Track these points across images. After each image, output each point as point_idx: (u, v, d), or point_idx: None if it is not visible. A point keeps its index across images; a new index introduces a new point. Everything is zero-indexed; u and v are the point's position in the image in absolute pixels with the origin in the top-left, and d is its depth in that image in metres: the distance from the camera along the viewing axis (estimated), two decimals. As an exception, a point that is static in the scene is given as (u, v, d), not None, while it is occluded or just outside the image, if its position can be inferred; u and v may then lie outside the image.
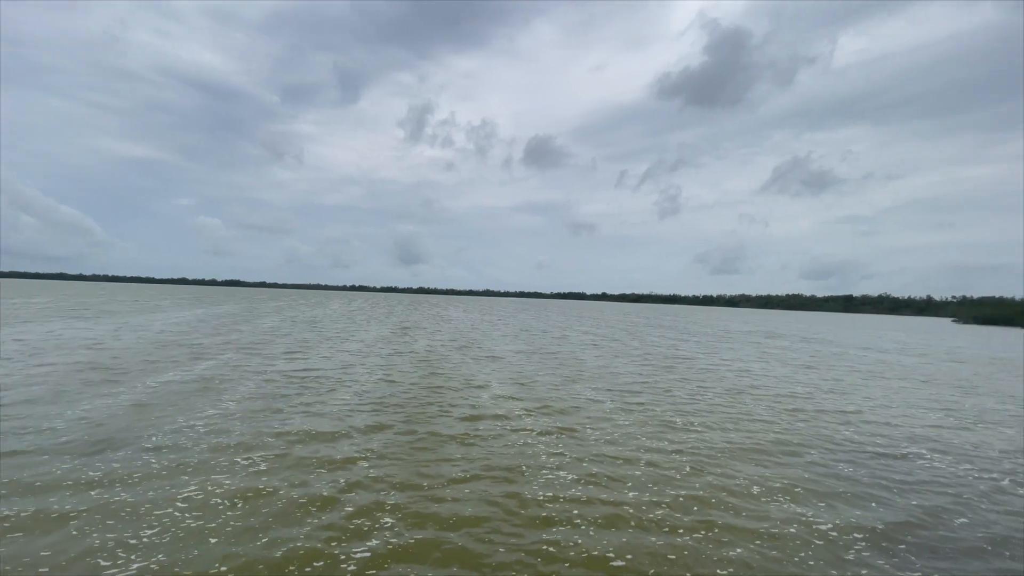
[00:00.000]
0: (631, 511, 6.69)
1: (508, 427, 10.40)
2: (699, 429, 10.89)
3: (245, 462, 7.83)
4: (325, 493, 6.81)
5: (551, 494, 7.10)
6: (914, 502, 7.41)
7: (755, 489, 7.67)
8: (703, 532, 6.21)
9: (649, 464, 8.54)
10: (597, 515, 6.53)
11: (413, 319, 46.67)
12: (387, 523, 6.10)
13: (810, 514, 6.82)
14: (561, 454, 8.85)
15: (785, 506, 7.09)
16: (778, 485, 7.86)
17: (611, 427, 10.72)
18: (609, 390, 14.90)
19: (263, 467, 7.66)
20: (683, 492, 7.41)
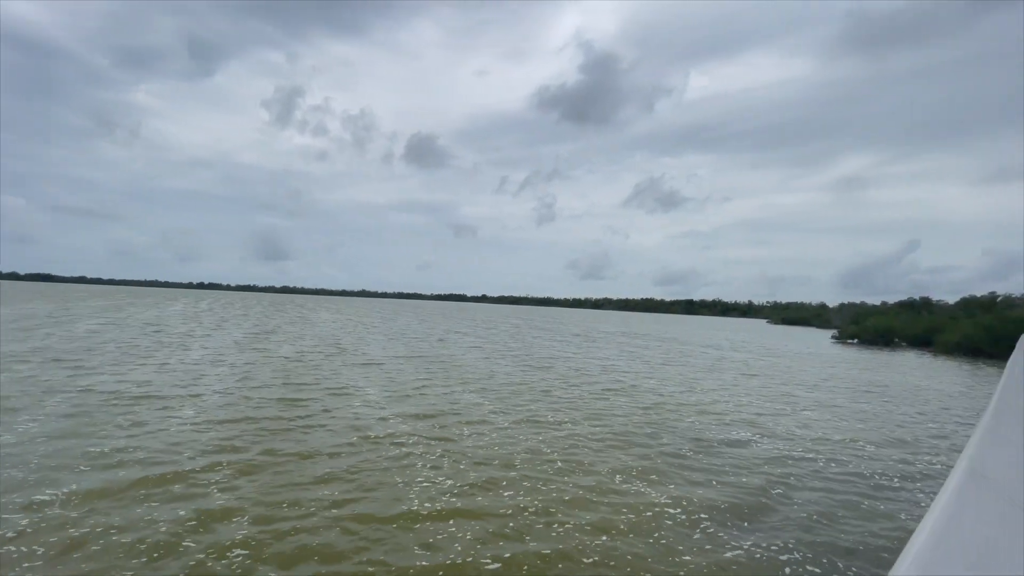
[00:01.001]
0: (508, 513, 6.80)
1: (384, 438, 9.94)
2: (570, 425, 11.54)
3: (48, 499, 6.34)
4: (164, 532, 5.79)
5: (430, 507, 6.91)
6: (745, 479, 8.67)
7: (618, 478, 8.33)
8: (573, 525, 6.54)
9: (525, 462, 8.80)
10: (475, 523, 6.51)
11: (276, 322, 42.56)
12: (243, 564, 5.38)
13: (664, 499, 7.59)
14: (438, 465, 8.68)
15: (643, 492, 7.80)
16: (636, 473, 8.63)
17: (490, 429, 10.85)
18: (489, 391, 15.10)
19: (74, 507, 6.27)
20: (555, 488, 7.75)
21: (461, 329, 45.97)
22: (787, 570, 5.74)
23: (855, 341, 56.35)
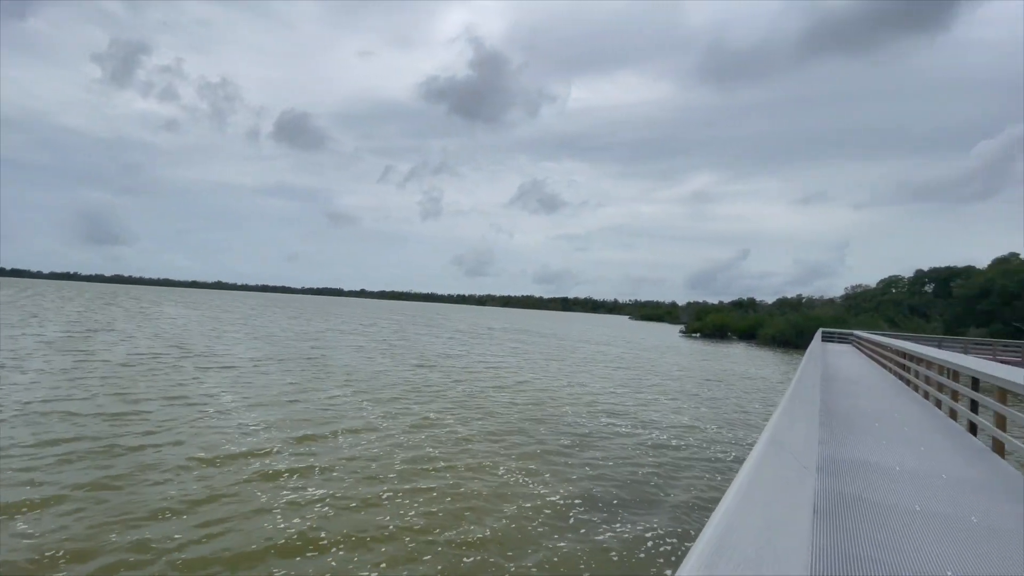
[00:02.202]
0: (386, 520, 6.52)
1: (242, 456, 8.90)
2: (455, 423, 11.49)
3: None
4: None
5: (298, 534, 6.32)
6: (617, 466, 9.40)
7: (501, 470, 8.50)
8: (454, 523, 6.50)
9: (409, 468, 8.53)
10: (354, 549, 6.12)
11: (104, 317, 35.90)
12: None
13: (543, 490, 7.91)
14: (308, 482, 8.02)
15: (525, 486, 8.04)
16: (518, 468, 8.88)
17: (375, 436, 10.33)
18: (370, 393, 14.38)
19: None
20: (435, 486, 7.64)
21: (340, 327, 43.23)
22: (649, 543, 6.33)
23: (698, 335, 64.91)
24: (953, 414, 7.50)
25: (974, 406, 6.66)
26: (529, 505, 7.24)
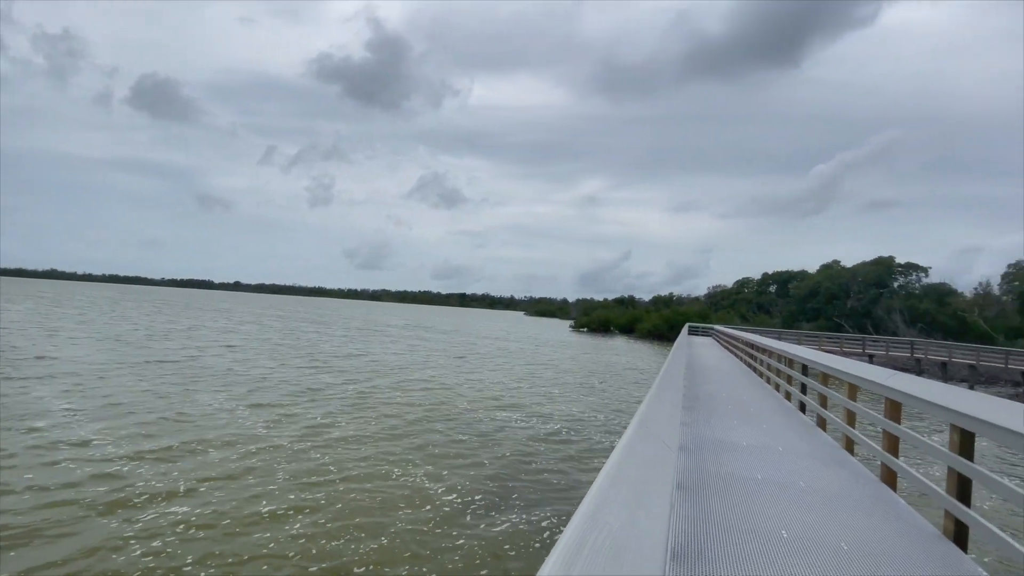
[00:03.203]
0: (266, 539, 6.09)
1: (88, 473, 7.68)
2: (343, 427, 10.99)
3: None
4: None
5: (159, 552, 5.65)
6: (513, 458, 9.71)
7: (397, 473, 8.34)
8: (344, 535, 6.27)
9: (290, 473, 8.01)
10: (221, 557, 5.62)
11: None
12: None
13: (440, 488, 7.93)
14: (170, 498, 7.19)
15: (420, 487, 7.99)
16: (415, 468, 8.79)
17: (248, 443, 9.49)
18: (245, 399, 13.15)
19: None
20: (323, 496, 7.29)
21: (211, 323, 38.69)
22: (546, 534, 6.67)
23: (585, 329, 69.17)
24: (788, 396, 8.93)
25: (804, 388, 8.01)
26: (428, 508, 7.20)
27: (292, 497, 7.15)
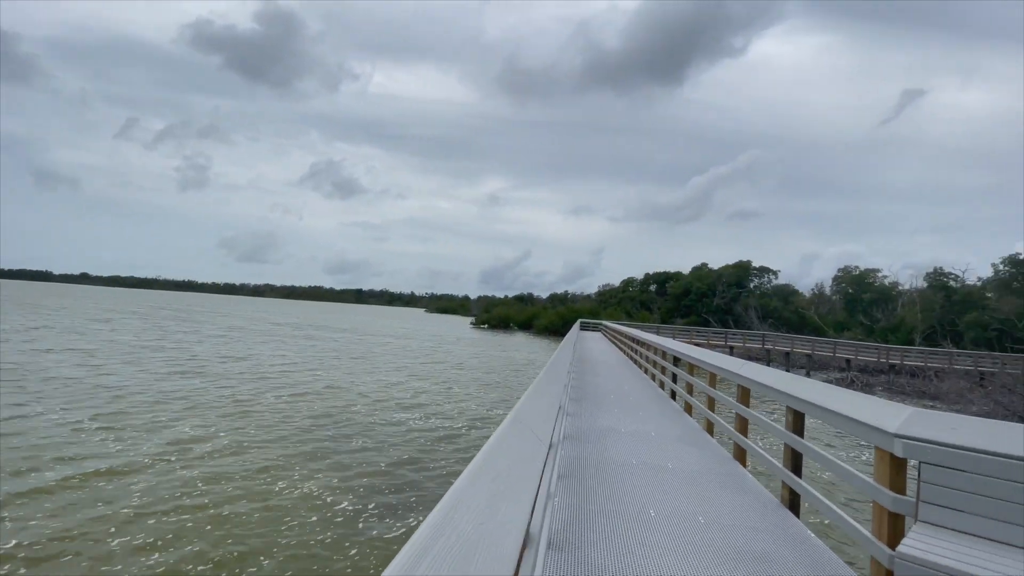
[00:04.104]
0: (118, 572, 5.29)
1: None
2: (220, 436, 9.92)
3: None
4: None
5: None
6: (406, 459, 9.45)
7: (281, 485, 7.72)
8: (219, 559, 5.67)
9: (150, 496, 7.04)
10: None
11: None
12: None
13: (331, 497, 7.49)
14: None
15: (314, 495, 7.48)
16: (304, 477, 8.21)
17: (95, 459, 8.15)
18: (94, 410, 11.25)
19: None
20: (190, 519, 6.53)
21: (52, 322, 32.40)
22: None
23: (486, 326, 69.97)
24: (662, 385, 9.81)
25: (675, 378, 8.84)
26: (316, 518, 6.76)
27: (152, 524, 6.29)
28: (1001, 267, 43.71)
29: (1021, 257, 42.48)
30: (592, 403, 7.57)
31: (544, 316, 63.09)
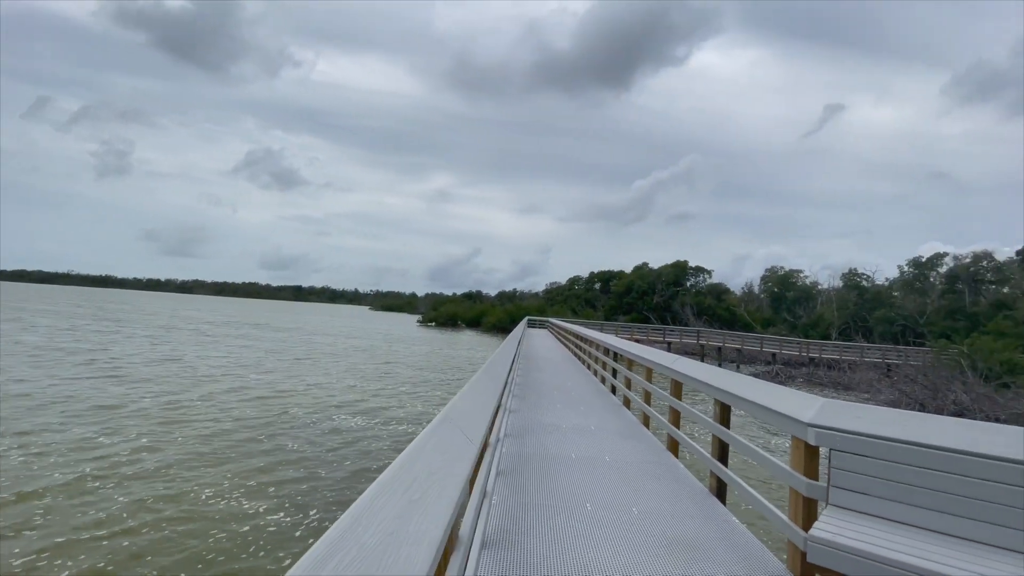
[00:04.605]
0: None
1: None
2: (143, 449, 9.14)
3: None
4: None
5: None
6: (348, 464, 9.10)
7: (206, 495, 7.21)
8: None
9: (58, 515, 6.36)
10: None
11: None
12: None
13: (262, 508, 7.07)
14: None
15: (241, 510, 7.03)
16: (233, 488, 7.72)
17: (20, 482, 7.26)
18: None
19: None
20: (104, 535, 5.96)
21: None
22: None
23: (433, 324, 69.12)
24: (604, 380, 10.05)
25: (615, 373, 9.07)
26: (247, 528, 6.36)
27: (60, 541, 5.66)
28: (906, 268, 48.43)
29: (922, 260, 47.25)
30: (535, 400, 7.62)
31: (492, 314, 63.15)
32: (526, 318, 33.47)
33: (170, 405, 12.42)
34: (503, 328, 58.14)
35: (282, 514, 6.83)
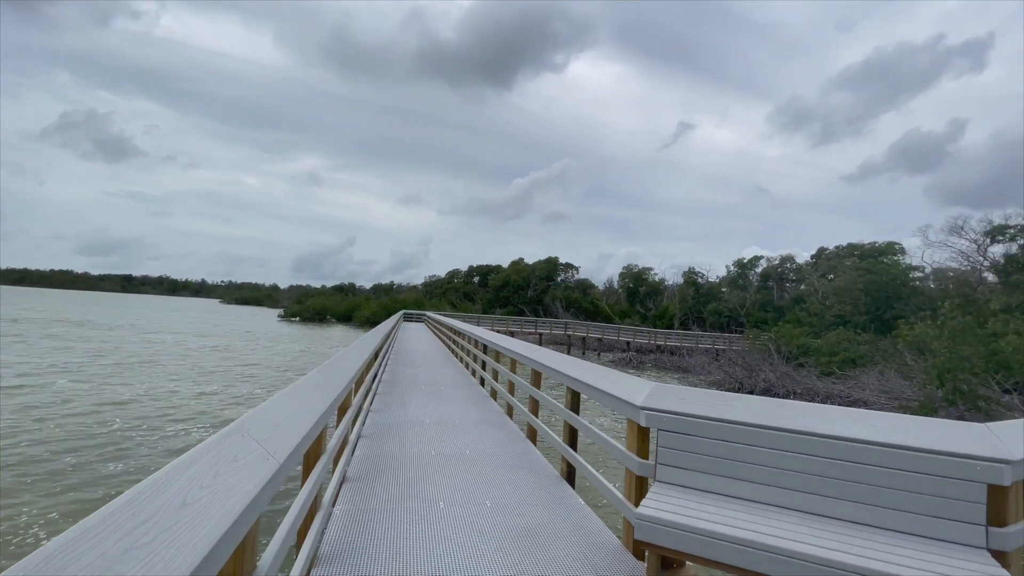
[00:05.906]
0: None
1: None
2: None
3: None
4: None
5: None
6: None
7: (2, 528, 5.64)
8: None
9: None
10: None
11: None
12: None
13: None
14: None
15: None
16: (36, 515, 6.15)
17: None
18: None
19: None
20: None
21: None
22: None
23: (297, 319, 63.74)
24: (475, 372, 10.09)
25: (484, 365, 9.15)
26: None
27: None
28: (731, 268, 56.91)
29: (744, 261, 55.96)
30: (401, 396, 7.34)
31: (366, 307, 60.23)
32: (402, 311, 32.50)
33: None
34: (377, 322, 55.81)
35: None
